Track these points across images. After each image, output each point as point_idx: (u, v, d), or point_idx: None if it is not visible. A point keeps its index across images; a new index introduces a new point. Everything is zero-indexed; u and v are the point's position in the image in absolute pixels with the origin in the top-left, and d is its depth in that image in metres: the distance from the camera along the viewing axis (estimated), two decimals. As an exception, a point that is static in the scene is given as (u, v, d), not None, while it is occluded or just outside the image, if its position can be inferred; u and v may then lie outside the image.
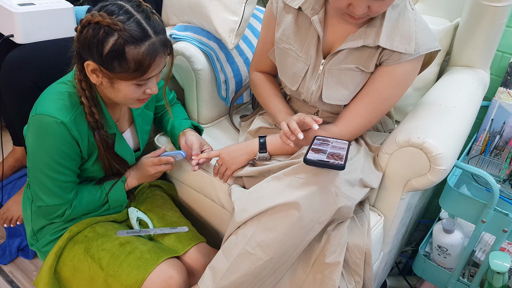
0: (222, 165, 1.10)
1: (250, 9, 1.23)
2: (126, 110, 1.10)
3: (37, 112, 0.91)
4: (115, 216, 1.16)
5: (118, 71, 0.87)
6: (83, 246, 1.05)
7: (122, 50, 0.84)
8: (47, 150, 0.93)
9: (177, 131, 1.21)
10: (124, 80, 0.89)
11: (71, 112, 0.93)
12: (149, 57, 0.87)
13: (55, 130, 0.91)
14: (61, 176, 0.97)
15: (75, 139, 0.94)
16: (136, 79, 0.89)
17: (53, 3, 1.20)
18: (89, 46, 0.86)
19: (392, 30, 0.95)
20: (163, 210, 1.21)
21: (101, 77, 0.90)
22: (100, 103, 0.98)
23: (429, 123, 1.02)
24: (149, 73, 0.90)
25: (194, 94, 1.32)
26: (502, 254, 1.15)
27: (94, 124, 0.96)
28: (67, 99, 0.93)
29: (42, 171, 0.95)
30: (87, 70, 0.90)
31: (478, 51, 1.29)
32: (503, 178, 1.37)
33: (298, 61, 1.05)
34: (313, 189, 0.90)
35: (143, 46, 0.86)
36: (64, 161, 0.95)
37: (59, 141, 0.92)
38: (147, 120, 1.17)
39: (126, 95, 0.92)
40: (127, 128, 1.12)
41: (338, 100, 1.04)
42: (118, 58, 0.85)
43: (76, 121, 0.93)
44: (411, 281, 1.57)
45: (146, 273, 0.99)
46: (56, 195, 0.98)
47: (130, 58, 0.85)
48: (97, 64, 0.87)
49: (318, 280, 0.95)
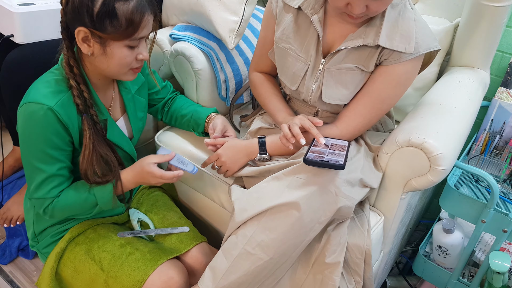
0: (222, 167, 1.10)
1: (250, 9, 1.23)
2: (117, 96, 1.08)
3: (24, 101, 0.90)
4: (116, 218, 1.16)
5: (110, 31, 0.86)
6: (84, 247, 1.05)
7: (112, 7, 0.85)
8: (34, 139, 0.91)
9: (204, 115, 1.19)
10: (116, 41, 0.88)
11: (58, 96, 0.90)
12: (138, 13, 0.87)
13: (41, 117, 0.88)
14: (48, 167, 0.93)
15: (64, 125, 0.91)
16: (128, 38, 0.88)
17: (53, 3, 1.20)
18: (78, 11, 0.86)
19: (392, 30, 0.95)
20: (163, 211, 1.20)
21: (93, 45, 0.89)
22: (90, 87, 0.96)
23: (429, 123, 1.02)
24: (140, 31, 0.89)
25: (194, 94, 1.32)
26: (502, 254, 1.15)
27: (83, 106, 0.93)
28: (54, 85, 0.92)
29: (30, 162, 0.93)
30: (78, 40, 0.88)
31: (478, 51, 1.29)
32: (503, 178, 1.37)
33: (297, 61, 1.05)
34: (313, 189, 0.90)
35: (131, 2, 0.87)
36: (52, 150, 0.92)
37: (46, 129, 0.90)
38: (139, 106, 1.14)
39: (119, 60, 0.91)
40: (120, 117, 1.10)
41: (337, 99, 1.04)
42: (109, 16, 0.85)
43: (63, 105, 0.90)
44: (411, 281, 1.57)
45: (147, 274, 0.99)
46: (41, 188, 0.95)
47: (121, 14, 0.86)
48: (88, 28, 0.86)
49: (318, 280, 0.95)
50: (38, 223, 1.09)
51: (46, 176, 0.94)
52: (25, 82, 1.13)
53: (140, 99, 1.14)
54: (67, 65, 0.92)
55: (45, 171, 0.94)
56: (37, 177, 0.94)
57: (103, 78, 0.98)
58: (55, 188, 0.96)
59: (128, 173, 1.03)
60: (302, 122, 0.99)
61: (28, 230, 1.13)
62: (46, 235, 1.09)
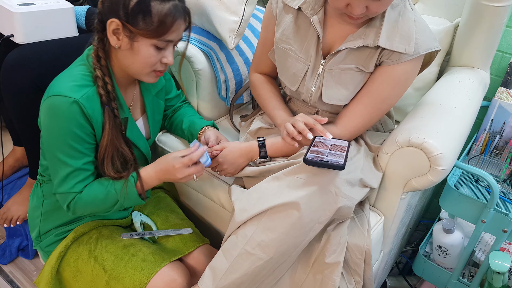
0: (223, 171, 1.10)
1: (250, 9, 1.23)
2: (138, 96, 1.09)
3: (49, 94, 0.90)
4: (121, 222, 1.16)
5: (141, 26, 0.88)
6: (87, 247, 1.05)
7: (148, 4, 0.87)
8: (59, 132, 0.91)
9: (198, 128, 1.19)
10: (145, 38, 0.90)
11: (84, 90, 0.91)
12: (171, 16, 0.89)
13: (67, 110, 0.89)
14: (73, 160, 0.93)
15: (88, 118, 0.91)
16: (156, 37, 0.90)
17: (53, 3, 1.20)
18: (115, 2, 0.88)
19: (392, 30, 0.95)
20: (166, 212, 1.21)
21: (122, 38, 0.90)
22: (113, 81, 0.97)
23: (429, 123, 1.02)
24: (169, 34, 0.91)
25: (194, 94, 1.32)
26: (502, 254, 1.15)
27: (106, 98, 0.93)
28: (79, 79, 0.92)
29: (55, 155, 0.93)
30: (109, 31, 0.90)
31: (478, 51, 1.30)
32: (503, 178, 1.37)
33: (297, 61, 1.05)
34: (313, 189, 0.90)
35: (167, 4, 0.89)
36: (77, 144, 0.92)
37: (71, 121, 0.90)
38: (158, 109, 1.16)
39: (144, 58, 0.92)
40: (139, 117, 1.11)
41: (338, 100, 1.04)
42: (143, 12, 0.87)
43: (88, 99, 0.90)
44: (411, 281, 1.57)
45: (150, 276, 0.99)
46: (65, 182, 0.94)
47: (155, 13, 0.88)
48: (121, 20, 0.88)
49: (318, 280, 0.95)
50: (45, 222, 1.09)
51: (71, 170, 0.94)
52: (25, 82, 1.13)
53: (159, 101, 1.16)
54: (95, 55, 0.93)
55: (70, 165, 0.93)
56: (61, 171, 0.94)
57: (126, 75, 0.99)
58: (80, 183, 0.95)
59: (151, 170, 1.00)
60: (305, 120, 0.99)
61: (32, 230, 1.12)
62: (50, 234, 1.09)
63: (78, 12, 1.27)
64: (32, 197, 1.12)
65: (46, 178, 1.06)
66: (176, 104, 1.29)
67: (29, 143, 1.24)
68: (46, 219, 1.08)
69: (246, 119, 1.32)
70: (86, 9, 1.28)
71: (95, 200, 0.97)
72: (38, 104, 1.15)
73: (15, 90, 1.14)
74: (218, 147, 1.08)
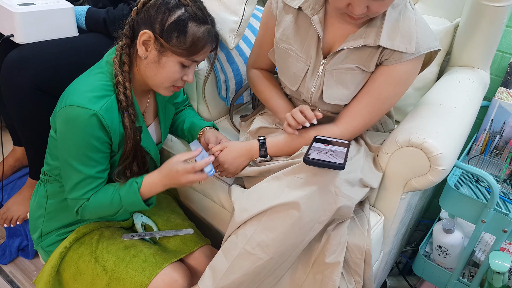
0: (224, 171, 1.10)
1: (250, 9, 1.23)
2: (151, 102, 1.10)
3: (67, 104, 0.89)
4: (122, 223, 1.16)
5: (173, 43, 0.91)
6: (88, 248, 1.05)
7: (185, 24, 0.91)
8: (75, 141, 0.91)
9: (198, 129, 1.20)
10: (174, 54, 0.92)
11: (103, 100, 0.91)
12: (204, 39, 0.93)
13: (85, 121, 0.89)
14: (87, 168, 0.94)
15: (107, 130, 0.92)
16: (186, 56, 0.93)
17: (53, 3, 1.20)
18: (153, 16, 0.91)
19: (393, 30, 0.95)
20: (167, 213, 1.21)
21: (150, 50, 0.93)
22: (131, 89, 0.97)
23: (429, 123, 1.02)
24: (198, 55, 0.95)
25: (194, 94, 1.32)
26: (502, 254, 1.15)
27: (125, 103, 0.94)
28: (99, 89, 0.92)
29: (69, 163, 0.93)
30: (139, 40, 0.92)
31: (478, 51, 1.29)
32: (503, 178, 1.37)
33: (298, 61, 1.05)
34: (313, 189, 0.90)
35: (202, 28, 0.93)
36: (93, 153, 0.93)
37: (89, 134, 0.90)
38: (169, 114, 1.18)
39: (168, 73, 0.94)
40: (151, 122, 1.12)
41: (338, 100, 1.04)
42: (178, 30, 0.90)
43: (108, 110, 0.91)
44: (411, 281, 1.57)
45: (151, 277, 0.99)
46: (76, 189, 0.95)
47: (190, 33, 0.91)
48: (154, 33, 0.91)
49: (318, 280, 0.95)
50: (48, 223, 1.08)
51: (84, 177, 0.95)
52: (25, 82, 1.13)
53: (171, 107, 1.18)
54: (118, 61, 0.94)
55: (83, 172, 0.94)
56: (73, 177, 0.95)
57: (144, 85, 1.00)
58: (91, 191, 0.97)
59: (155, 176, 0.99)
60: (300, 108, 1.01)
61: (33, 230, 1.11)
62: (52, 234, 1.09)
63: (78, 12, 1.27)
64: (34, 197, 1.12)
65: (51, 178, 1.06)
66: (181, 107, 1.30)
67: (29, 143, 1.24)
68: (50, 219, 1.08)
69: (246, 119, 1.32)
70: (86, 9, 1.28)
71: (101, 206, 0.98)
72: (38, 104, 1.16)
73: (15, 90, 1.14)
74: (218, 147, 1.08)
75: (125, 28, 0.95)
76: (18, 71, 1.13)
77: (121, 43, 0.96)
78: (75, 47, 1.22)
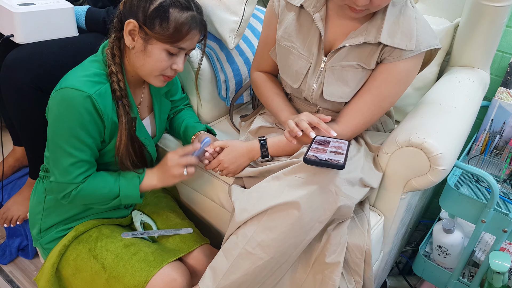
0: (224, 171, 1.10)
1: (250, 9, 1.23)
2: (146, 95, 1.11)
3: (62, 86, 0.91)
4: (121, 220, 1.16)
5: (156, 30, 0.92)
6: (87, 245, 1.05)
7: (166, 10, 0.91)
8: (68, 123, 0.92)
9: (191, 132, 1.20)
10: (159, 42, 0.93)
11: (97, 86, 0.93)
12: (188, 25, 0.93)
13: (80, 103, 0.90)
14: (78, 152, 0.95)
15: (100, 114, 0.93)
16: (170, 43, 0.93)
17: (53, 3, 1.20)
18: (137, 4, 0.92)
19: (393, 27, 0.95)
20: (166, 212, 1.21)
21: (136, 39, 0.94)
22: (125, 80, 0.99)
23: (429, 123, 1.02)
24: (183, 42, 0.95)
25: (194, 94, 1.32)
26: (502, 254, 1.15)
27: (119, 93, 0.96)
28: (93, 76, 0.94)
29: (60, 146, 0.94)
30: (125, 31, 0.93)
31: (478, 51, 1.30)
32: (503, 178, 1.37)
33: (300, 59, 1.05)
34: (313, 188, 0.90)
35: (185, 13, 0.93)
36: (84, 137, 0.94)
37: (82, 115, 0.91)
38: (165, 108, 1.18)
39: (155, 61, 0.95)
40: (146, 116, 1.13)
41: (339, 97, 1.04)
42: (160, 17, 0.91)
43: (101, 95, 0.93)
44: (411, 281, 1.57)
45: (150, 275, 0.99)
46: (68, 172, 0.96)
47: (172, 19, 0.92)
48: (138, 22, 0.92)
49: (318, 280, 0.95)
50: (46, 218, 1.09)
51: (75, 160, 0.95)
52: (25, 82, 1.13)
53: (166, 101, 1.19)
54: (110, 52, 0.96)
55: (75, 156, 0.95)
56: (64, 161, 0.95)
57: (136, 75, 1.02)
58: (82, 174, 0.98)
59: (153, 171, 1.06)
60: (309, 119, 0.99)
61: (33, 227, 1.12)
62: (51, 230, 1.09)
63: (78, 12, 1.27)
64: (33, 194, 1.12)
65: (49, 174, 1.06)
66: (180, 106, 1.30)
67: (29, 143, 1.24)
68: (48, 215, 1.09)
69: (246, 119, 1.32)
70: (86, 9, 1.28)
71: (97, 193, 1.00)
72: (38, 104, 1.16)
73: (15, 90, 1.14)
74: (220, 143, 1.08)
75: (114, 21, 0.97)
76: (18, 71, 1.13)
77: (112, 36, 0.97)
78: (75, 47, 1.23)
